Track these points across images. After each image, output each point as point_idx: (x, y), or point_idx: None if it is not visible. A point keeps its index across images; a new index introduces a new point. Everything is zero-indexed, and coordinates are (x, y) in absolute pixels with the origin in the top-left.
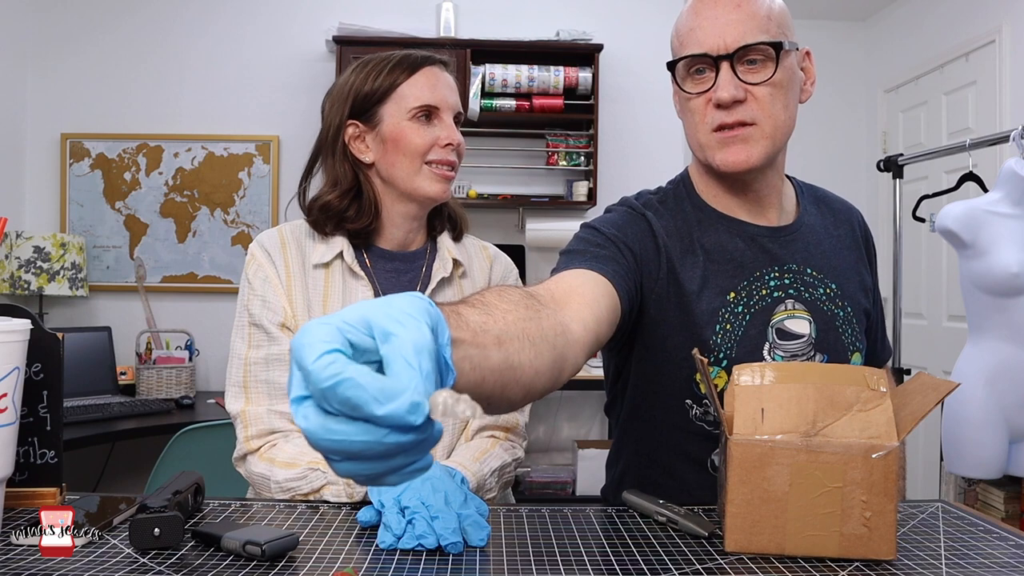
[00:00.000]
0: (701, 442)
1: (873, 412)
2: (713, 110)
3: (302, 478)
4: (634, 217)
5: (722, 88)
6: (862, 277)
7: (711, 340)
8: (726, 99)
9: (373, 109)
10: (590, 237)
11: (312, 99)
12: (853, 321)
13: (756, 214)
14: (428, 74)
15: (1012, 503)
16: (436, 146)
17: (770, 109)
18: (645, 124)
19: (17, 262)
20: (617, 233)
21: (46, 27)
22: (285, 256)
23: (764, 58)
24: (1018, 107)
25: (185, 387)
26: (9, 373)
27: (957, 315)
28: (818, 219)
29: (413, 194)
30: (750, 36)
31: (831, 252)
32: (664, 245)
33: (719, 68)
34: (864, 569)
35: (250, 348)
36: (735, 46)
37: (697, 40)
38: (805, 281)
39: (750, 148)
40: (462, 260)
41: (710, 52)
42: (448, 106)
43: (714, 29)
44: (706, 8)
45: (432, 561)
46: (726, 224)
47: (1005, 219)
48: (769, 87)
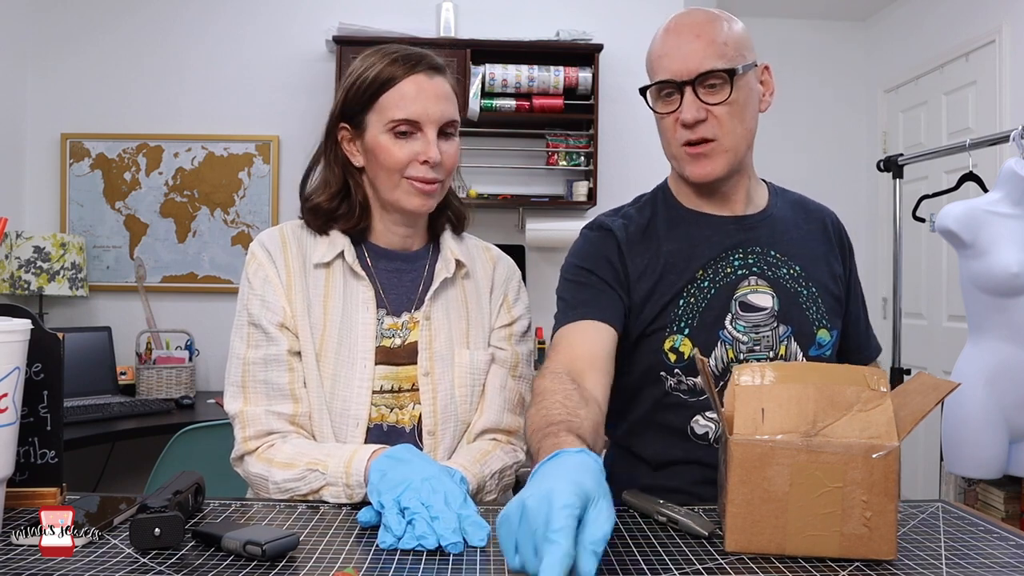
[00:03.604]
0: (679, 410)
1: (873, 412)
2: (680, 128)
3: (300, 479)
4: (599, 237)
5: (686, 110)
6: (831, 266)
7: (672, 312)
8: (689, 120)
9: (360, 116)
10: (574, 279)
11: (312, 99)
12: (819, 301)
13: (722, 207)
14: (413, 83)
15: (1012, 503)
16: (415, 161)
17: (728, 126)
18: (645, 124)
19: (17, 262)
20: (591, 264)
21: (46, 27)
22: (286, 255)
23: (722, 82)
24: (1018, 107)
25: (185, 387)
26: (9, 373)
27: (957, 315)
28: (788, 213)
29: (394, 206)
30: (708, 63)
31: (798, 240)
32: (628, 245)
33: (683, 92)
34: (864, 569)
35: (249, 348)
36: (695, 72)
37: (664, 67)
38: (768, 261)
39: (714, 162)
40: (465, 261)
41: (674, 78)
42: (430, 119)
43: (678, 56)
44: (671, 37)
45: (432, 561)
46: (695, 217)
47: (1005, 219)
48: (727, 106)
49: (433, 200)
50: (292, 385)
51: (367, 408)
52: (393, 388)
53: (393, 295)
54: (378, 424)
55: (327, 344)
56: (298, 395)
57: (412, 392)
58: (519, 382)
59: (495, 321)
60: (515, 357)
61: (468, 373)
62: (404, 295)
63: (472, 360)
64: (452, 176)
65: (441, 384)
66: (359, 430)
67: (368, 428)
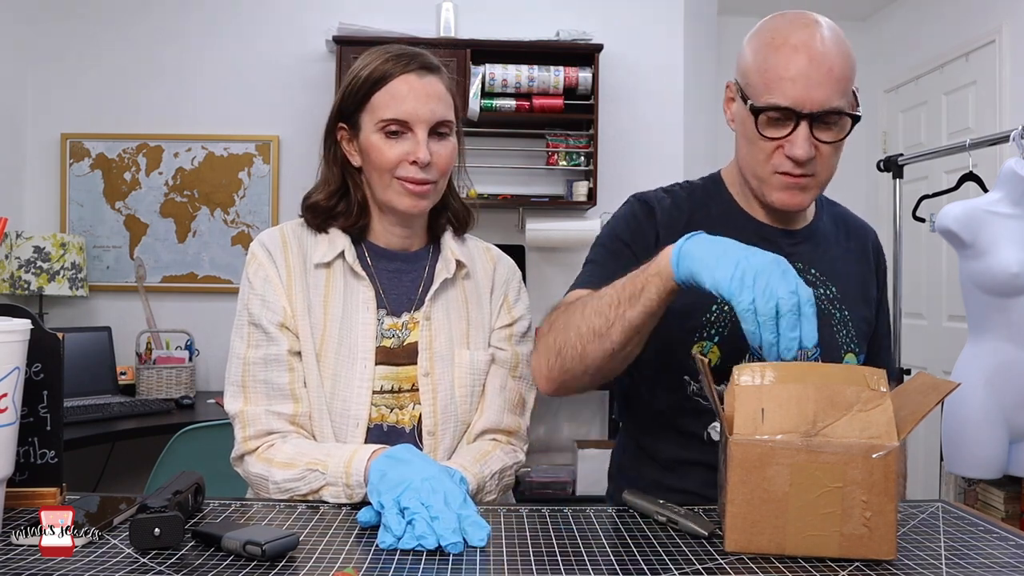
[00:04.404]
0: (698, 416)
1: (873, 412)
2: (782, 157)
3: (300, 479)
4: (644, 212)
5: (799, 147)
6: (866, 289)
7: (704, 317)
8: (802, 157)
9: (355, 116)
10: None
11: (312, 99)
12: (850, 324)
13: (777, 219)
14: (404, 83)
15: (1012, 503)
16: (404, 162)
17: (829, 163)
18: (645, 124)
19: (17, 262)
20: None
21: (46, 27)
22: (286, 255)
23: (838, 120)
24: (1018, 107)
25: (185, 387)
26: (9, 373)
27: (957, 315)
28: (831, 229)
29: (387, 206)
30: (834, 101)
31: (837, 260)
32: (669, 229)
33: (799, 123)
34: (864, 569)
35: (249, 348)
36: (819, 108)
37: (785, 92)
38: (806, 279)
39: (805, 195)
40: (465, 261)
41: (795, 108)
42: (419, 119)
43: (805, 86)
44: (801, 61)
45: (432, 561)
46: (745, 221)
47: (1005, 219)
48: (834, 146)
49: (426, 201)
50: (292, 385)
51: (367, 408)
52: (393, 388)
53: (393, 295)
54: (378, 424)
55: (327, 344)
56: (298, 395)
57: (412, 392)
58: (519, 382)
59: (495, 321)
60: (515, 357)
61: (468, 373)
62: (404, 295)
63: (472, 360)
64: (448, 176)
65: (441, 384)
66: (359, 430)
67: (368, 428)
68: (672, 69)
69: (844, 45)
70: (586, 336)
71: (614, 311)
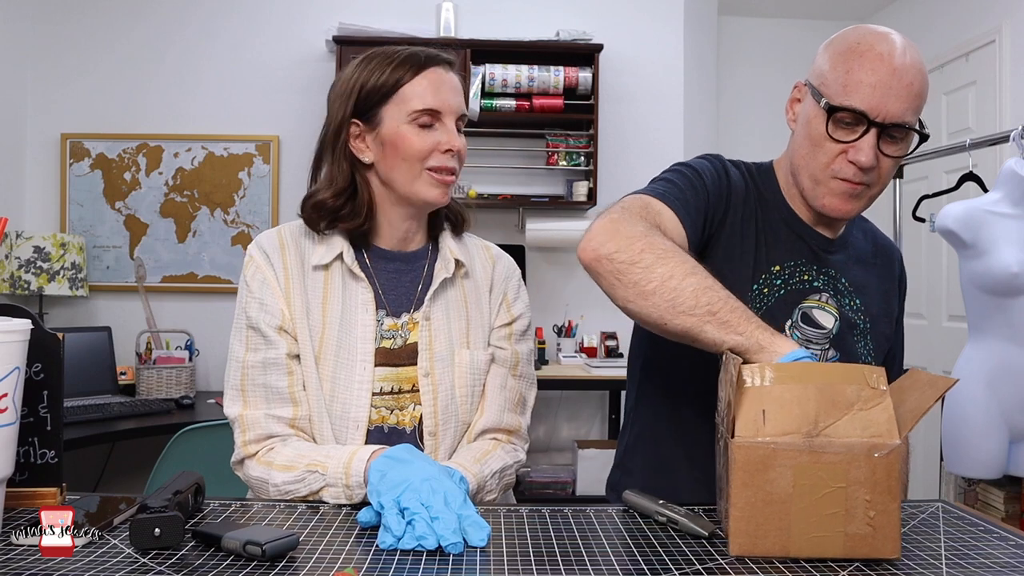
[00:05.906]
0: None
1: (874, 411)
2: (844, 162)
3: (300, 480)
4: (721, 168)
5: (864, 153)
6: (889, 305)
7: (749, 292)
8: (865, 164)
9: (374, 109)
10: (685, 172)
11: (312, 99)
12: (868, 337)
13: (819, 224)
14: (432, 75)
15: (1012, 503)
16: (436, 151)
17: (886, 177)
18: (645, 124)
19: (17, 262)
20: (709, 179)
21: (46, 27)
22: (284, 258)
23: (904, 136)
24: (1018, 107)
25: (185, 387)
26: (9, 373)
27: (957, 315)
28: (862, 244)
29: (411, 198)
30: (908, 116)
31: (865, 274)
32: (734, 200)
33: (868, 130)
34: (864, 569)
35: (248, 351)
36: (892, 120)
37: (863, 96)
38: (837, 287)
39: (856, 203)
40: (464, 260)
41: (869, 114)
42: (450, 110)
43: (884, 94)
44: (885, 70)
45: (432, 561)
46: (793, 219)
47: (1005, 219)
48: (894, 161)
49: (450, 193)
50: (291, 389)
51: (367, 410)
52: (393, 389)
53: (392, 296)
54: (379, 426)
55: (326, 346)
56: (298, 398)
57: (412, 393)
58: (519, 381)
59: (495, 320)
60: (515, 356)
61: (468, 373)
62: (403, 296)
63: (472, 360)
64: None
65: (441, 384)
66: (359, 432)
67: (368, 430)
68: (672, 69)
69: (924, 66)
70: (660, 292)
71: (700, 311)
